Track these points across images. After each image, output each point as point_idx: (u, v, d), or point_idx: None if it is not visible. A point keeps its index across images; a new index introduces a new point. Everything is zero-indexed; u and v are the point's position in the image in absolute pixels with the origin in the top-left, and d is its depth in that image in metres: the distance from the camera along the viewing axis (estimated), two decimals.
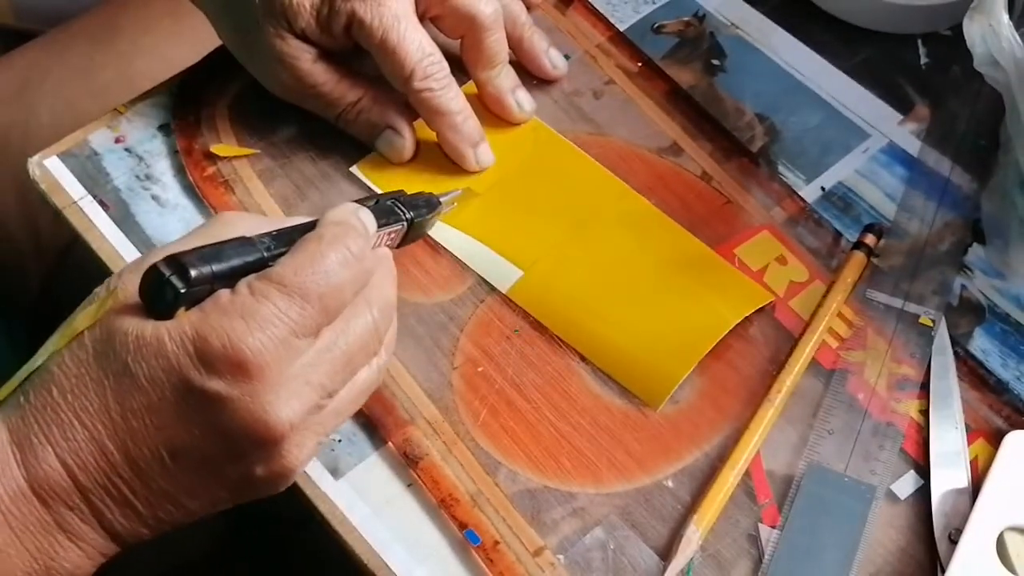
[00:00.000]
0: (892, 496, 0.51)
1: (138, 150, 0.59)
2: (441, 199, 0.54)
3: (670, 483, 0.51)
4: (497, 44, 0.58)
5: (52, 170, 0.58)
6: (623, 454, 0.51)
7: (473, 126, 0.57)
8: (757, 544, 0.49)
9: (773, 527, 0.50)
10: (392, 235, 0.50)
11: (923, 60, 0.64)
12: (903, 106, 0.62)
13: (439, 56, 0.56)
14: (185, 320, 0.42)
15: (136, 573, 0.47)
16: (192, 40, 0.58)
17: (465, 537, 0.49)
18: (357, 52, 0.57)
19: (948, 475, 0.51)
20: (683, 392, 0.53)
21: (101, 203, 0.57)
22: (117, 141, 0.59)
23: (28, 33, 0.81)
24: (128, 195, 0.58)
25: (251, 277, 0.43)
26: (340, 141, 0.59)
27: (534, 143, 0.60)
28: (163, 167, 0.59)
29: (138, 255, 0.56)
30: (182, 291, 0.42)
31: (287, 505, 0.49)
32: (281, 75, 0.57)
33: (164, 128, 0.60)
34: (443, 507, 0.50)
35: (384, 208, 0.50)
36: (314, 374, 0.43)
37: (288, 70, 0.56)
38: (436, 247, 0.57)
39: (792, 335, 0.55)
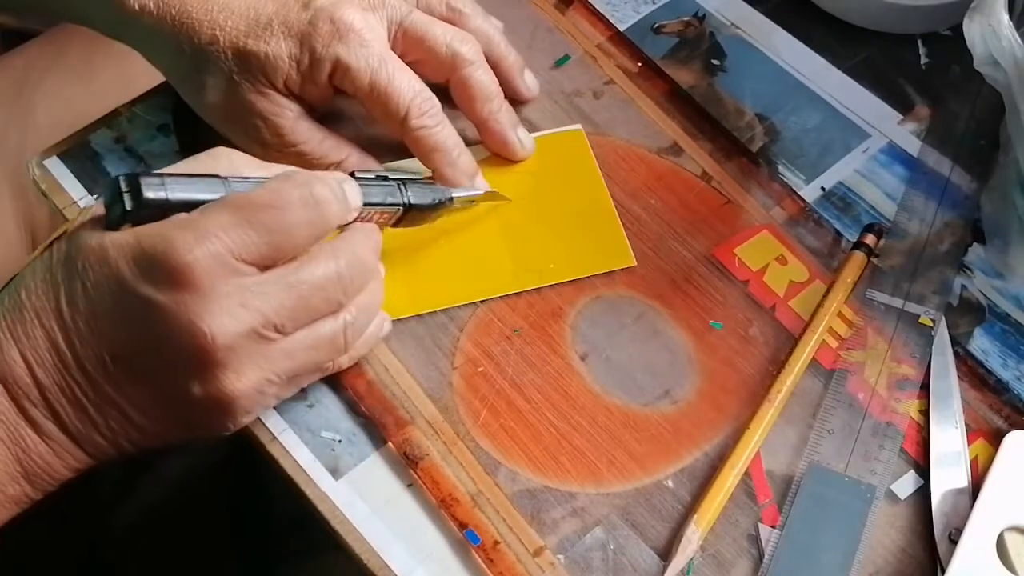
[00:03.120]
0: (892, 496, 0.51)
1: (138, 150, 0.59)
2: (454, 195, 0.54)
3: (670, 483, 0.51)
4: (486, 78, 0.57)
5: (52, 170, 0.58)
6: (623, 454, 0.51)
7: (468, 160, 0.56)
8: (757, 544, 0.49)
9: (773, 527, 0.50)
10: (386, 215, 0.51)
11: (923, 60, 0.64)
12: (903, 106, 0.62)
13: (429, 92, 0.54)
14: (131, 231, 0.44)
15: None
16: None
17: (465, 537, 0.49)
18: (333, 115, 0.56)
19: (948, 475, 0.51)
20: (683, 392, 0.53)
21: None
22: (117, 141, 0.59)
23: (27, 33, 0.81)
24: None
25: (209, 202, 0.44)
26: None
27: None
28: (163, 167, 0.58)
29: None
30: (128, 210, 0.43)
31: (287, 505, 0.49)
32: (262, 134, 0.54)
33: (164, 128, 0.60)
34: (443, 507, 0.50)
35: (386, 187, 0.50)
36: (254, 299, 0.44)
37: (270, 128, 0.54)
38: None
39: (792, 335, 0.55)
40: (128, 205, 0.43)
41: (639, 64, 0.64)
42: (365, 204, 0.49)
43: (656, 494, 0.50)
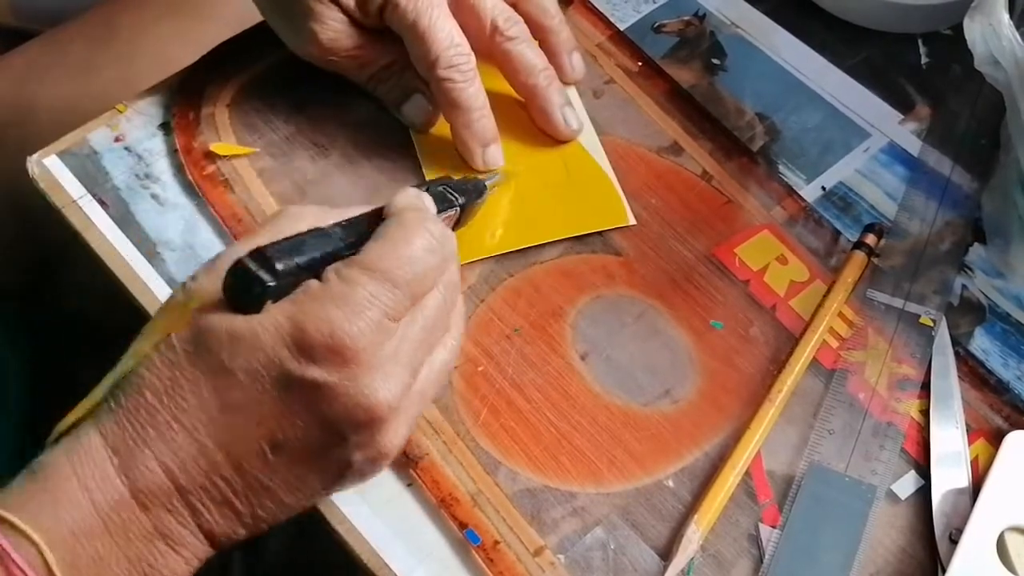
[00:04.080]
0: (893, 496, 0.51)
1: (137, 149, 0.59)
2: (486, 183, 0.55)
3: (670, 483, 0.51)
4: (529, 52, 0.58)
5: (51, 169, 0.58)
6: (623, 454, 0.51)
7: (487, 125, 0.57)
8: (757, 544, 0.49)
9: (774, 527, 0.50)
10: (446, 220, 0.51)
11: (924, 59, 0.64)
12: (904, 105, 0.62)
13: (467, 49, 0.55)
14: (278, 312, 0.42)
15: None
16: (191, 40, 0.58)
17: (465, 537, 0.49)
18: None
19: (949, 475, 0.51)
20: (683, 391, 0.53)
21: (100, 202, 0.57)
22: (116, 140, 0.59)
23: (27, 32, 0.81)
24: (127, 194, 0.58)
25: (338, 265, 0.43)
26: (340, 140, 0.59)
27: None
28: (162, 166, 0.59)
29: (137, 254, 0.56)
30: (270, 284, 0.42)
31: None
32: (319, 34, 0.56)
33: (164, 127, 0.60)
34: (443, 507, 0.50)
35: (437, 194, 0.51)
36: (403, 355, 0.43)
37: (324, 30, 0.56)
38: None
39: (792, 335, 0.55)
40: (268, 280, 0.41)
41: (639, 63, 0.64)
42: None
43: (656, 494, 0.50)
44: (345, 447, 0.43)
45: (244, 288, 0.42)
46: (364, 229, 0.45)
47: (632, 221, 0.57)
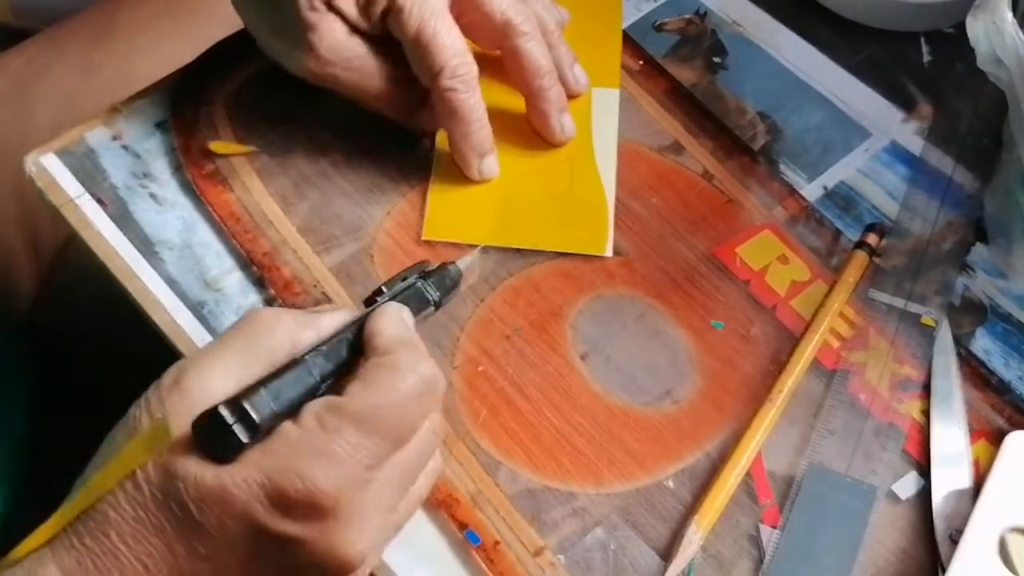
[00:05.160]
0: (893, 496, 0.51)
1: (136, 148, 0.59)
2: (460, 267, 0.51)
3: (671, 483, 0.51)
4: (539, 51, 0.57)
5: (49, 167, 0.58)
6: (623, 454, 0.51)
7: (485, 136, 0.57)
8: (758, 544, 0.49)
9: (774, 527, 0.49)
10: (421, 318, 0.49)
11: (926, 58, 0.64)
12: (906, 104, 0.62)
13: (470, 59, 0.55)
14: (252, 466, 0.40)
15: None
16: (190, 38, 0.58)
17: (465, 537, 0.49)
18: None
19: (950, 475, 0.51)
20: (684, 392, 0.53)
21: (99, 201, 0.57)
22: (114, 139, 0.59)
23: (25, 31, 0.81)
24: (126, 193, 0.57)
25: (318, 408, 0.41)
26: (339, 139, 0.59)
27: None
28: (161, 165, 0.59)
29: (136, 253, 0.55)
30: (245, 443, 0.40)
31: None
32: (317, 45, 0.54)
33: (162, 126, 0.60)
34: (443, 507, 0.49)
35: (413, 295, 0.48)
36: (383, 499, 0.42)
37: (322, 41, 0.54)
38: (434, 245, 0.56)
39: (793, 335, 0.54)
40: (245, 438, 0.39)
41: (640, 62, 0.63)
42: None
43: (657, 494, 0.50)
44: None
45: (219, 440, 0.40)
46: (344, 356, 0.44)
47: (609, 253, 0.56)
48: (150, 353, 0.56)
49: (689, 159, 0.60)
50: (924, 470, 0.51)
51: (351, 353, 0.44)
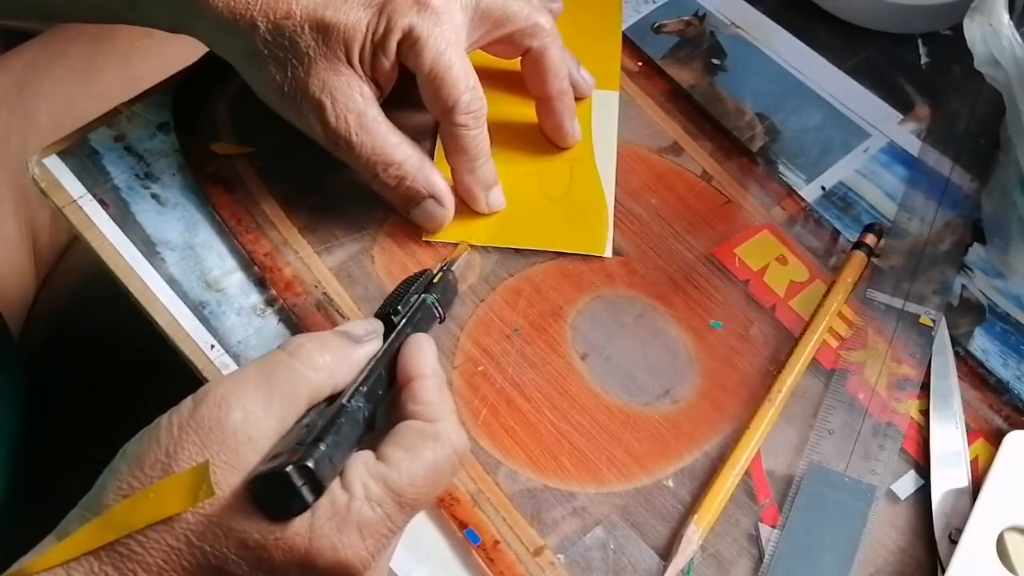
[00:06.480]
0: (892, 496, 0.51)
1: (138, 149, 0.59)
2: (456, 270, 0.53)
3: (670, 483, 0.51)
4: (560, 54, 0.57)
5: (51, 169, 0.58)
6: (623, 453, 0.51)
7: (490, 170, 0.56)
8: (757, 544, 0.49)
9: (773, 527, 0.50)
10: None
11: (923, 60, 0.64)
12: (903, 106, 0.62)
13: (481, 93, 0.54)
14: (299, 525, 0.40)
15: None
16: (191, 41, 0.58)
17: (465, 537, 0.49)
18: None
19: (948, 475, 0.51)
20: (683, 392, 0.53)
21: (101, 202, 0.57)
22: (117, 140, 0.59)
23: (27, 33, 0.81)
24: (128, 194, 0.58)
25: (366, 476, 0.41)
26: None
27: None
28: (163, 166, 0.59)
29: (138, 254, 0.56)
30: (311, 503, 0.40)
31: None
32: (327, 114, 0.53)
33: (164, 127, 0.60)
34: (443, 507, 0.50)
35: (426, 313, 0.49)
36: (393, 544, 0.43)
37: (339, 108, 0.53)
38: (434, 245, 0.57)
39: (792, 335, 0.55)
40: (310, 500, 0.40)
41: (639, 63, 0.64)
42: None
43: (656, 494, 0.50)
44: None
45: (282, 501, 0.40)
46: (381, 393, 0.44)
47: (609, 254, 0.57)
48: (150, 353, 0.56)
49: (688, 160, 0.60)
50: (923, 469, 0.51)
51: (385, 390, 0.45)
